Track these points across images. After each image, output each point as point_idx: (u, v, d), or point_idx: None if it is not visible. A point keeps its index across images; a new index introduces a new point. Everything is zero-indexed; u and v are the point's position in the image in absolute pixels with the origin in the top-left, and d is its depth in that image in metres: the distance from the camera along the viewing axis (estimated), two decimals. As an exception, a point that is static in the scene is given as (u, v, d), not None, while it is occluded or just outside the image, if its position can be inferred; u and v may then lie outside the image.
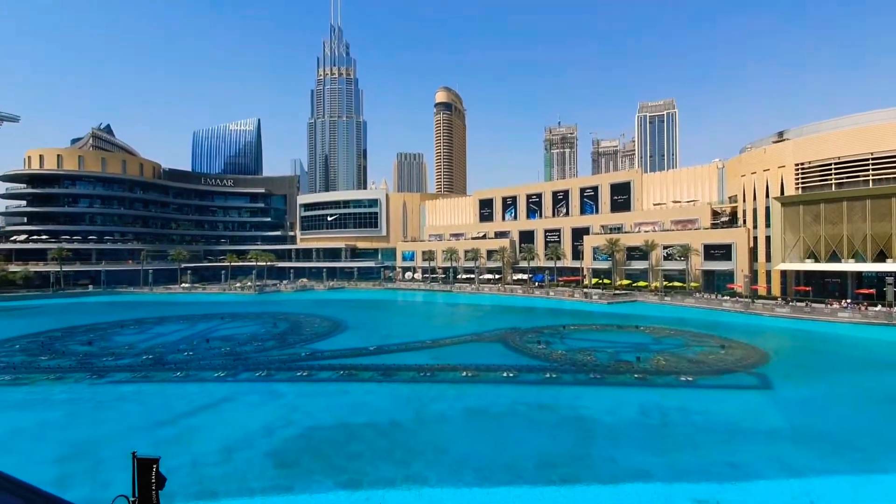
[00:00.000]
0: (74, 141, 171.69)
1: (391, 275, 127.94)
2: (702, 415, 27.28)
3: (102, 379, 36.09)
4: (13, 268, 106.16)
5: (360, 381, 34.96)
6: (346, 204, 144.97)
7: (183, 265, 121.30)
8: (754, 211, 76.11)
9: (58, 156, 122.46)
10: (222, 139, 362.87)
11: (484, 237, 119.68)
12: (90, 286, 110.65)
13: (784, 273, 70.23)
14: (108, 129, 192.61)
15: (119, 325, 62.60)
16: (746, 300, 69.17)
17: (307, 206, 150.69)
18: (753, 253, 75.98)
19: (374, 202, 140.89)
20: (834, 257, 65.03)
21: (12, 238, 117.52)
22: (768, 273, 73.00)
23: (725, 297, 72.74)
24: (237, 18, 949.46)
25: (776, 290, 71.07)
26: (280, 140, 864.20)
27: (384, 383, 34.42)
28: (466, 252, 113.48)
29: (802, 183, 69.13)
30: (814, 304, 63.46)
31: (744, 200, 78.84)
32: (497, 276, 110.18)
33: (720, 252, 79.14)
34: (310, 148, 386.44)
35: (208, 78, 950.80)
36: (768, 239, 72.77)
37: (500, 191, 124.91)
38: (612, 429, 25.46)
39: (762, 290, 72.07)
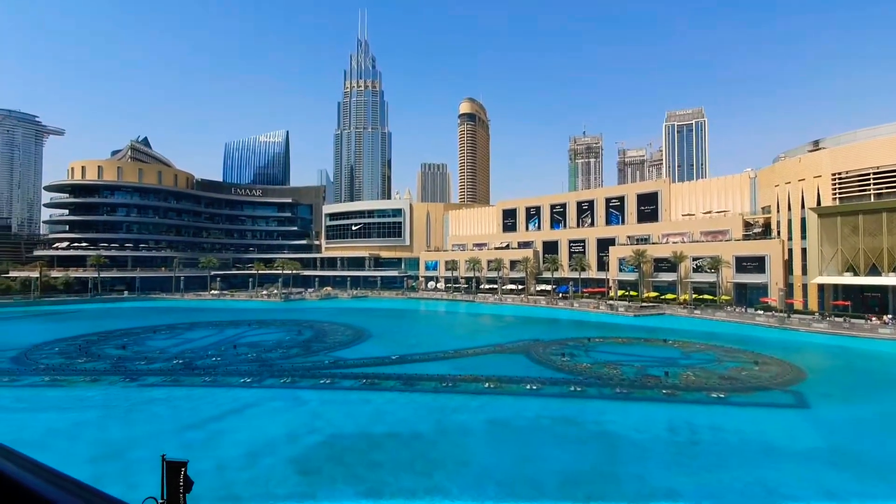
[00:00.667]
0: (114, 153, 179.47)
1: (414, 284, 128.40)
2: (734, 434, 26.24)
3: (135, 382, 37.24)
4: (55, 273, 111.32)
5: (382, 390, 35.04)
6: (370, 213, 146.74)
7: (212, 272, 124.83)
8: (789, 222, 73.47)
9: (98, 167, 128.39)
10: (252, 150, 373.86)
11: (507, 247, 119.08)
12: (125, 292, 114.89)
13: (821, 287, 67.35)
14: (146, 142, 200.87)
15: (152, 330, 64.64)
16: (781, 314, 66.52)
17: (332, 216, 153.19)
18: (788, 265, 73.20)
19: (397, 212, 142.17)
20: (874, 271, 62.05)
21: (55, 245, 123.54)
22: (804, 286, 70.14)
23: (759, 311, 70.12)
24: (269, 35, 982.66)
25: (813, 304, 68.17)
26: (307, 151, 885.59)
27: (406, 393, 34.40)
28: (489, 262, 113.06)
29: (840, 193, 66.46)
30: (853, 320, 60.54)
31: (778, 211, 76.26)
32: (520, 287, 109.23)
33: (753, 264, 76.52)
34: (336, 158, 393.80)
35: (241, 92, 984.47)
36: (804, 251, 70.04)
37: (524, 201, 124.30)
38: (639, 446, 24.73)
39: (798, 305, 69.23)
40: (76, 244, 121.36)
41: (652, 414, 29.90)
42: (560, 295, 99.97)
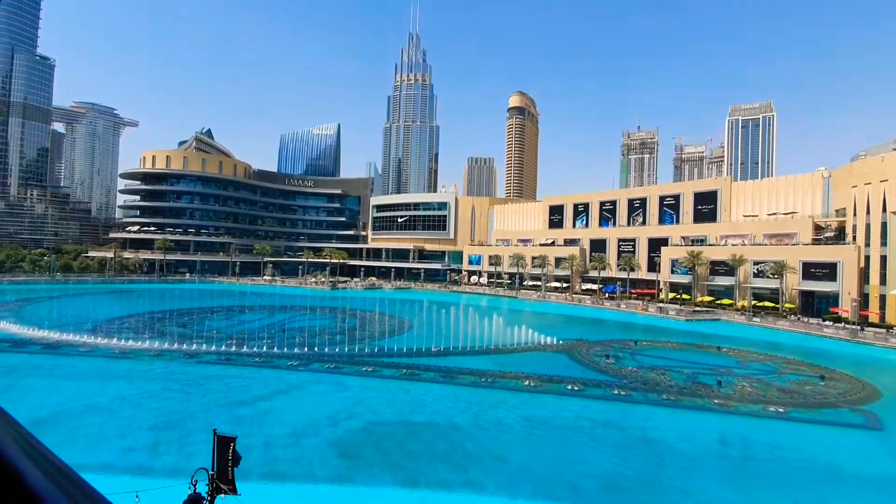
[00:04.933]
0: (181, 143, 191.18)
1: (457, 278, 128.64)
2: (794, 452, 24.45)
3: (193, 359, 39.67)
4: (127, 255, 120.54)
5: (421, 380, 35.39)
6: (416, 206, 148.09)
7: (265, 259, 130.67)
8: (867, 226, 67.24)
9: (167, 157, 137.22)
10: (305, 142, 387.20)
11: (553, 244, 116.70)
12: (187, 274, 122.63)
13: (903, 299, 61.31)
14: (209, 133, 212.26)
15: (210, 311, 68.59)
16: (854, 327, 61.17)
17: (379, 208, 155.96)
18: (864, 274, 67.11)
19: (443, 205, 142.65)
20: (970, 284, 55.73)
21: (127, 228, 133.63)
22: (882, 297, 64.08)
23: (827, 323, 64.85)
24: (322, 29, 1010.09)
25: (891, 318, 62.18)
26: (357, 144, 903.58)
27: (445, 385, 34.57)
28: (534, 258, 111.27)
29: (931, 196, 60.05)
30: (941, 337, 54.74)
31: (854, 214, 69.98)
32: (565, 285, 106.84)
33: (823, 271, 70.77)
34: (384, 151, 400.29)
35: (297, 86, 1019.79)
36: (883, 259, 63.92)
37: (572, 197, 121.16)
38: (686, 457, 23.57)
39: (874, 317, 63.40)
40: (145, 228, 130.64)
41: (702, 424, 28.41)
42: (606, 295, 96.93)
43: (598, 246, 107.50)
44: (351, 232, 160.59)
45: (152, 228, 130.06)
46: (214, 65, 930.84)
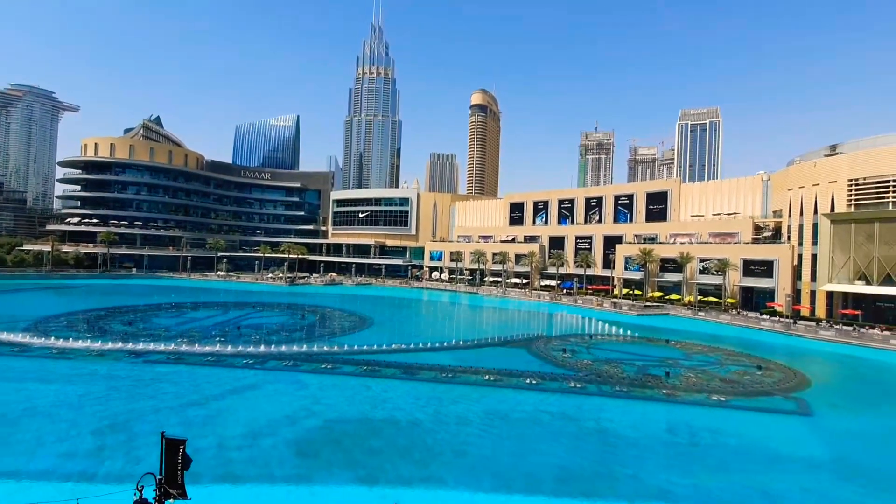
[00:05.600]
0: (127, 131, 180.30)
1: (418, 274, 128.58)
2: (734, 437, 26.11)
3: (140, 358, 37.70)
4: (66, 248, 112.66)
5: (382, 377, 35.22)
6: (377, 202, 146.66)
7: (219, 254, 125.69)
8: (800, 227, 72.45)
9: (111, 144, 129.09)
10: (262, 134, 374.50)
11: (513, 241, 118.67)
12: (133, 269, 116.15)
13: (830, 294, 66.51)
14: (158, 121, 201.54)
15: (158, 308, 65.36)
16: (787, 320, 65.89)
17: (340, 202, 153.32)
18: (797, 271, 72.32)
19: (405, 201, 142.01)
20: (888, 280, 61.10)
21: (67, 220, 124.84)
22: (813, 293, 69.33)
23: (764, 316, 69.49)
24: (281, 17, 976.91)
25: (821, 311, 67.40)
26: (317, 136, 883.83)
27: (406, 381, 34.55)
28: (494, 255, 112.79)
29: (856, 200, 65.31)
30: (863, 330, 59.83)
31: (789, 215, 75.21)
32: (524, 281, 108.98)
33: (761, 268, 75.72)
34: (346, 145, 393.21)
35: (253, 74, 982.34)
36: (814, 257, 69.11)
37: (532, 195, 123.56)
38: (636, 445, 24.68)
39: (805, 311, 68.49)
40: (87, 220, 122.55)
41: (651, 413, 29.82)
42: (564, 291, 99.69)
43: (557, 243, 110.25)
44: (310, 227, 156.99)
45: (95, 220, 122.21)
46: (164, 49, 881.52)
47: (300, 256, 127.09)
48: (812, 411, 31.08)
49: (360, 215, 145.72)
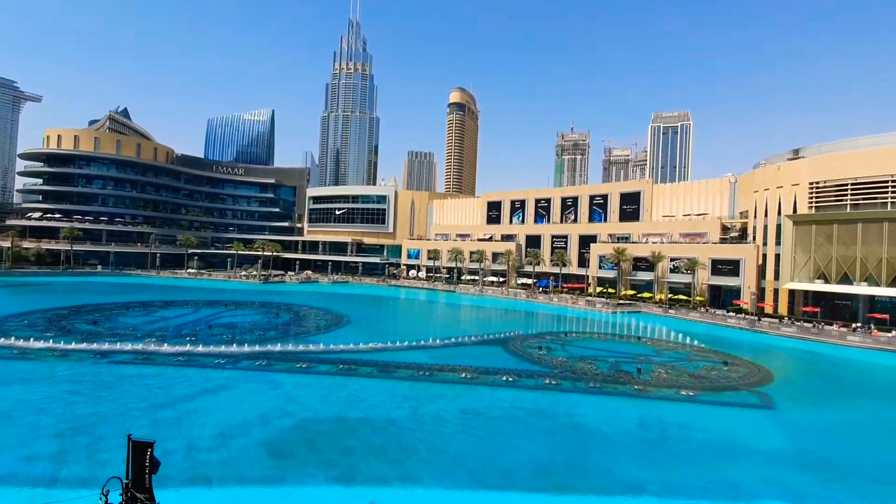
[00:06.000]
0: (92, 122, 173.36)
1: (395, 272, 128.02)
2: (702, 431, 26.98)
3: (105, 359, 36.41)
4: (27, 244, 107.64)
5: (358, 376, 34.98)
6: (354, 199, 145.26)
7: (190, 251, 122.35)
8: (765, 228, 75.27)
9: (75, 136, 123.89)
10: (236, 128, 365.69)
11: (490, 239, 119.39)
12: (99, 266, 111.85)
13: (792, 292, 69.36)
14: (125, 113, 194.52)
15: (124, 307, 63.19)
16: (752, 317, 68.39)
17: (316, 199, 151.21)
18: (762, 270, 75.13)
19: (382, 198, 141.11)
20: (846, 279, 64.10)
21: (28, 215, 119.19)
22: (776, 291, 72.15)
23: (731, 314, 71.96)
24: (256, 8, 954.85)
25: (783, 309, 70.22)
26: (293, 132, 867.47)
27: (383, 380, 34.42)
28: (472, 253, 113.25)
29: (816, 202, 68.23)
30: (822, 326, 62.62)
31: (755, 217, 78.02)
32: (501, 279, 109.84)
33: (728, 267, 78.34)
34: (322, 141, 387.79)
35: (226, 67, 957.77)
36: (778, 257, 71.91)
37: (509, 194, 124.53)
38: (609, 439, 25.25)
39: (769, 309, 71.24)
40: (49, 215, 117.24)
41: (623, 409, 30.55)
42: (540, 289, 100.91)
43: (534, 242, 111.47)
44: (285, 224, 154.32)
45: (57, 216, 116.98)
46: (133, 38, 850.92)
47: (275, 254, 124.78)
48: (774, 405, 32.38)
49: (337, 212, 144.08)
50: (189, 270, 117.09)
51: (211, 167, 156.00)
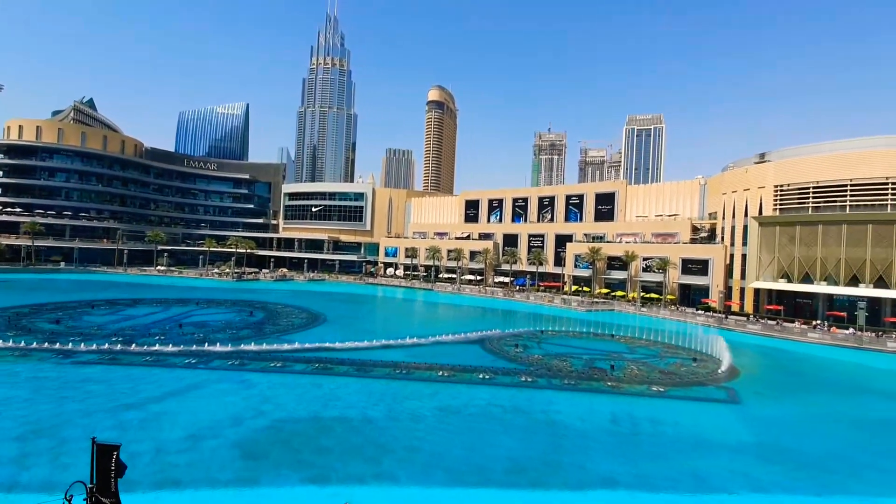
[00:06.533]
0: (55, 113, 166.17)
1: (373, 270, 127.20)
2: (671, 426, 27.75)
3: (68, 359, 35.05)
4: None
5: (334, 374, 34.65)
6: (331, 196, 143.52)
7: (160, 247, 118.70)
8: (732, 229, 77.86)
9: (37, 127, 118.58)
10: (209, 122, 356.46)
11: (468, 238, 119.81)
12: (62, 263, 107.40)
13: (757, 291, 71.98)
14: (91, 104, 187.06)
15: (90, 305, 60.88)
16: (720, 315, 70.70)
17: (292, 196, 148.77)
18: (729, 270, 77.72)
19: (360, 196, 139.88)
20: (807, 279, 66.90)
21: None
22: (742, 290, 74.77)
23: (700, 312, 74.22)
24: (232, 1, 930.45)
25: (749, 307, 72.82)
26: (268, 127, 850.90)
27: (359, 378, 34.18)
28: (449, 252, 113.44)
29: (780, 204, 70.94)
30: (784, 323, 65.21)
31: (723, 218, 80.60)
32: (479, 278, 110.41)
33: (697, 267, 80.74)
34: (298, 137, 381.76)
35: (198, 58, 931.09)
36: (744, 257, 74.51)
37: (487, 193, 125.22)
38: (583, 435, 25.74)
39: (735, 307, 73.77)
40: (9, 209, 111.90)
41: (597, 405, 31.18)
42: (517, 287, 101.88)
43: (511, 241, 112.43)
44: (260, 220, 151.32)
45: (18, 210, 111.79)
46: (99, 27, 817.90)
47: (249, 251, 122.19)
48: (740, 399, 33.59)
49: (314, 209, 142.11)
50: (159, 268, 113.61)
51: (182, 161, 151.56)
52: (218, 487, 18.45)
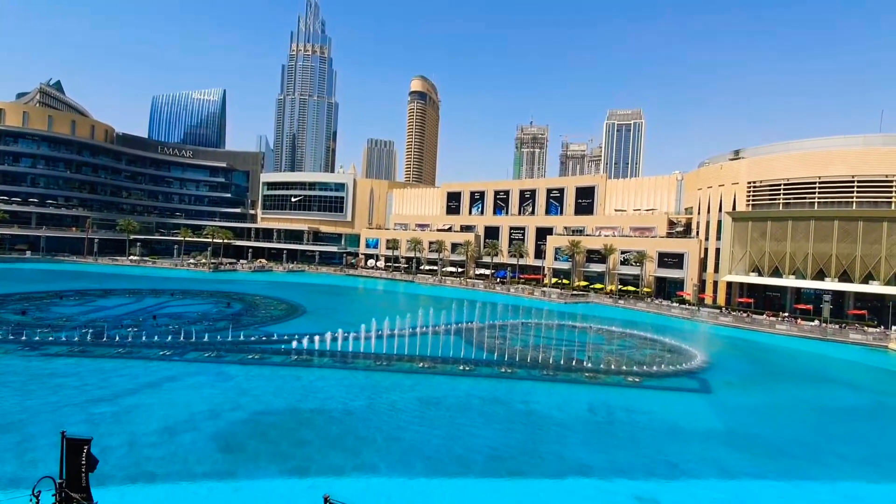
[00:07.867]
0: (20, 96, 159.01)
1: (353, 261, 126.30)
2: (645, 415, 28.48)
3: (35, 351, 33.88)
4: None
5: (314, 366, 34.40)
6: (311, 186, 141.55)
7: (132, 236, 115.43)
8: (707, 223, 79.82)
9: (1, 110, 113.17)
10: (184, 107, 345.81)
11: (449, 230, 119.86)
12: (28, 252, 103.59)
13: (730, 284, 74.13)
14: (59, 86, 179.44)
15: (58, 296, 58.90)
16: (693, 308, 72.65)
17: (271, 185, 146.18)
18: (703, 263, 79.78)
19: (340, 186, 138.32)
20: (776, 273, 69.18)
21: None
22: (715, 283, 76.90)
23: (674, 304, 76.10)
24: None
25: (721, 299, 75.00)
26: (246, 114, 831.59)
27: (339, 370, 34.02)
28: (431, 244, 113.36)
29: (753, 200, 72.96)
30: (754, 315, 67.40)
31: (698, 213, 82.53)
32: (460, 270, 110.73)
33: (673, 260, 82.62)
34: (277, 125, 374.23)
35: (173, 40, 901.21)
36: (718, 251, 76.56)
37: (469, 185, 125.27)
38: (560, 424, 26.20)
39: (709, 299, 75.88)
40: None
41: (574, 395, 31.76)
42: (498, 280, 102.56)
43: (492, 233, 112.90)
44: (237, 210, 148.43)
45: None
46: (67, 4, 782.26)
47: (226, 241, 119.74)
48: (711, 389, 34.67)
49: (293, 200, 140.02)
50: (131, 257, 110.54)
51: (156, 148, 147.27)
52: (194, 480, 18.17)
